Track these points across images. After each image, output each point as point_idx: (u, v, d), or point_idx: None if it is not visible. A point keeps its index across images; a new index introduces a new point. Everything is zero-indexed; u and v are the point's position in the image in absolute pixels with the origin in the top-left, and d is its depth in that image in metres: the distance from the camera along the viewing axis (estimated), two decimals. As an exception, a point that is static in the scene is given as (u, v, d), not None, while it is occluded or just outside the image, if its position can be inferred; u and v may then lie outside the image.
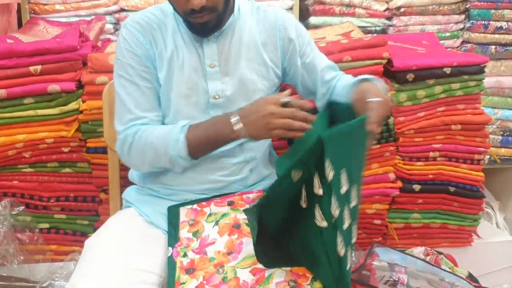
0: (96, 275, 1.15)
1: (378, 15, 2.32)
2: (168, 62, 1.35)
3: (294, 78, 1.48)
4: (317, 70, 1.46)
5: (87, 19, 2.29)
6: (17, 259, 1.86)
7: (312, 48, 1.48)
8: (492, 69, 2.34)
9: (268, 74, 1.42)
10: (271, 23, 1.42)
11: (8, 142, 1.78)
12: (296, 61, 1.44)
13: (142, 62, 1.34)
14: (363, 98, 1.18)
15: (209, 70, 1.36)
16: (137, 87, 1.34)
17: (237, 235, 1.19)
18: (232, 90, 1.38)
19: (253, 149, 1.44)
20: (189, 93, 1.36)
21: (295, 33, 1.44)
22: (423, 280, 1.47)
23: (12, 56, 1.74)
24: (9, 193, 1.87)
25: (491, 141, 2.34)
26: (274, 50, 1.43)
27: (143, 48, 1.35)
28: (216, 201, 1.31)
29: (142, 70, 1.34)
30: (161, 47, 1.36)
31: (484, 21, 2.33)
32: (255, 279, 1.09)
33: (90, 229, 1.91)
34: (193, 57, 1.36)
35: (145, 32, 1.35)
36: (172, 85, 1.36)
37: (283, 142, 1.84)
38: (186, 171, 1.38)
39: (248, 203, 1.30)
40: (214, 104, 1.37)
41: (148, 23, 1.36)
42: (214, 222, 1.24)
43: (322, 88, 1.47)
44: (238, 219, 1.25)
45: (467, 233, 2.03)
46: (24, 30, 2.13)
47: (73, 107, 1.77)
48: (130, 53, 1.34)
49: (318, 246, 1.07)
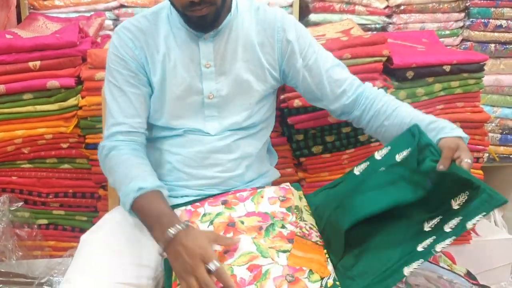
0: (92, 271, 1.15)
1: (378, 12, 2.32)
2: (161, 65, 1.36)
3: (294, 80, 1.46)
4: (321, 71, 1.43)
5: (87, 15, 2.29)
6: (16, 255, 1.86)
7: (315, 50, 1.44)
8: (492, 67, 2.34)
9: (265, 75, 1.42)
10: (270, 24, 1.41)
11: (7, 138, 1.78)
12: (295, 63, 1.42)
13: (130, 68, 1.36)
14: (454, 149, 1.19)
15: (204, 70, 1.36)
16: (123, 93, 1.36)
17: (232, 233, 1.19)
18: (227, 90, 1.38)
19: (250, 146, 1.44)
20: (183, 95, 1.37)
21: (295, 34, 1.42)
22: (422, 278, 1.47)
23: (11, 51, 1.74)
24: (7, 189, 1.87)
25: (490, 139, 2.35)
26: (271, 52, 1.41)
27: (132, 54, 1.36)
28: (210, 201, 1.31)
29: (130, 75, 1.36)
30: (152, 51, 1.36)
31: (484, 19, 2.33)
32: (252, 275, 1.09)
33: (89, 225, 1.91)
34: (187, 58, 1.36)
35: (135, 38, 1.36)
36: (165, 88, 1.37)
37: (282, 139, 1.85)
38: (182, 167, 1.39)
39: (242, 200, 1.30)
40: (209, 104, 1.38)
41: (139, 28, 1.37)
42: (208, 221, 1.24)
43: (334, 88, 1.44)
44: (233, 217, 1.25)
45: (466, 231, 2.03)
46: (23, 25, 2.12)
47: (72, 103, 1.77)
48: (118, 59, 1.36)
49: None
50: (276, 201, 1.29)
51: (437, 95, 1.87)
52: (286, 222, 1.23)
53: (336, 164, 1.86)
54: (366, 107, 1.43)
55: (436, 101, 1.87)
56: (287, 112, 1.79)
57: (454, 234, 1.07)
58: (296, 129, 1.80)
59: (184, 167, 1.39)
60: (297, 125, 1.78)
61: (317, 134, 1.82)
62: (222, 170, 1.40)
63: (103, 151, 1.36)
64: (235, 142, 1.40)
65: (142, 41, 1.36)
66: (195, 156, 1.38)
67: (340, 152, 1.85)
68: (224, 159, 1.39)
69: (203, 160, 1.38)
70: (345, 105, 1.45)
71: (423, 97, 1.85)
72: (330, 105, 1.48)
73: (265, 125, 1.49)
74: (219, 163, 1.39)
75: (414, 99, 1.85)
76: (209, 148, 1.38)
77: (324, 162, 1.86)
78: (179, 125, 1.39)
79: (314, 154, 1.84)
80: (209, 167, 1.39)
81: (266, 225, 1.22)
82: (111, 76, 1.37)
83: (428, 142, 1.23)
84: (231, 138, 1.39)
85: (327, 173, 1.86)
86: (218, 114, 1.39)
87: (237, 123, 1.40)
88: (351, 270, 1.14)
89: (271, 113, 1.52)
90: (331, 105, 1.48)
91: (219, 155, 1.39)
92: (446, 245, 1.06)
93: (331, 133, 1.82)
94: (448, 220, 1.10)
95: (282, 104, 1.77)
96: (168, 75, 1.36)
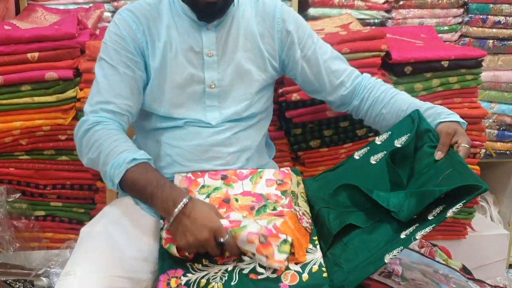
0: (92, 264, 1.14)
1: (377, 7, 2.31)
2: (161, 53, 1.35)
3: (293, 71, 1.48)
4: (319, 62, 1.45)
5: (86, 7, 2.28)
6: (13, 246, 1.86)
7: (314, 41, 1.46)
8: (490, 63, 2.34)
9: (265, 65, 1.42)
10: (270, 15, 1.42)
11: (5, 129, 1.77)
12: (294, 53, 1.44)
13: (129, 49, 1.34)
14: (452, 134, 1.22)
15: (206, 59, 1.37)
16: (116, 72, 1.33)
17: (225, 209, 1.22)
18: (229, 79, 1.39)
19: (249, 139, 1.44)
20: (184, 84, 1.37)
21: (294, 25, 1.43)
22: (418, 272, 1.48)
23: (10, 42, 1.73)
24: (5, 180, 1.87)
25: (487, 135, 2.35)
26: (271, 42, 1.43)
27: (134, 35, 1.34)
28: (211, 173, 1.33)
29: (127, 57, 1.34)
30: (153, 38, 1.36)
31: (483, 15, 2.33)
32: (231, 225, 1.12)
33: (86, 217, 1.91)
34: (189, 47, 1.36)
35: (138, 21, 1.35)
36: (166, 77, 1.36)
37: (280, 133, 1.85)
38: (182, 161, 1.39)
39: (241, 178, 1.32)
40: (210, 93, 1.38)
41: (143, 13, 1.37)
42: (206, 194, 1.27)
43: (332, 79, 1.46)
44: (229, 194, 1.27)
45: (461, 226, 2.04)
46: (22, 16, 2.11)
47: (71, 94, 1.77)
48: (118, 38, 1.34)
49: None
50: (273, 184, 1.31)
51: (435, 91, 1.88)
52: (278, 205, 1.25)
53: (333, 158, 1.86)
54: (364, 96, 1.45)
55: (434, 96, 1.88)
56: (285, 106, 1.79)
57: (435, 221, 1.08)
58: (294, 123, 1.80)
59: (184, 161, 1.38)
60: (295, 119, 1.79)
61: (315, 128, 1.82)
62: (222, 163, 1.40)
63: (83, 125, 1.28)
64: (235, 135, 1.41)
65: (145, 25, 1.36)
66: (195, 149, 1.38)
67: (337, 147, 1.86)
68: (224, 152, 1.40)
69: (203, 154, 1.38)
70: (343, 96, 1.47)
71: (421, 92, 1.86)
72: (329, 96, 1.49)
73: (264, 116, 1.50)
74: (219, 156, 1.39)
75: (412, 94, 1.81)
76: (209, 141, 1.38)
77: (321, 156, 1.86)
78: (180, 114, 1.38)
79: (312, 148, 1.85)
80: (209, 160, 1.39)
81: (258, 205, 1.25)
82: (107, 54, 1.35)
83: (427, 128, 1.25)
84: (230, 131, 1.40)
85: (324, 167, 1.86)
86: (218, 104, 1.40)
87: (237, 113, 1.40)
88: (339, 258, 1.16)
89: (269, 105, 1.53)
90: (329, 96, 1.49)
91: (219, 148, 1.39)
92: (426, 232, 1.07)
93: (329, 127, 1.82)
94: (432, 209, 1.11)
95: (280, 98, 1.78)
96: (170, 64, 1.36)
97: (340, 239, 1.19)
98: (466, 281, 1.52)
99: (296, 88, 1.72)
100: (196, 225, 1.10)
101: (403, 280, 1.41)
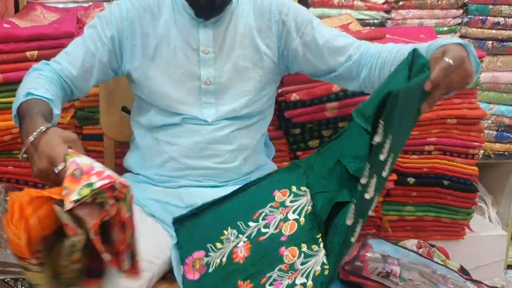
0: None
1: (377, 8, 2.31)
2: (154, 47, 1.37)
3: (296, 64, 1.46)
4: (319, 43, 1.41)
5: (85, 5, 2.27)
6: (11, 244, 1.85)
7: (314, 26, 1.42)
8: (489, 64, 2.35)
9: (262, 62, 1.43)
10: (266, 9, 1.43)
11: (4, 127, 1.77)
12: (292, 42, 1.43)
13: (105, 31, 1.38)
14: (440, 58, 1.06)
15: (203, 56, 1.38)
16: (83, 43, 1.38)
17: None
18: (225, 77, 1.39)
19: (247, 137, 1.44)
20: (182, 79, 1.38)
21: (291, 15, 1.42)
22: (416, 272, 1.48)
23: (9, 40, 1.73)
24: (4, 179, 1.86)
25: (486, 136, 2.35)
26: (270, 36, 1.43)
27: (120, 23, 1.38)
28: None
29: (99, 35, 1.38)
30: (146, 31, 1.38)
31: (482, 16, 2.34)
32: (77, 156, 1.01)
33: (85, 216, 1.91)
34: (186, 43, 1.37)
35: (133, 10, 1.38)
36: (165, 71, 1.38)
37: (279, 133, 1.85)
38: (179, 158, 1.39)
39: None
40: (205, 90, 1.39)
41: (142, 5, 1.39)
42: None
43: (337, 57, 1.40)
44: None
45: (460, 227, 2.04)
46: (21, 15, 2.11)
47: (70, 93, 1.76)
48: (105, 20, 1.39)
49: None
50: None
51: (434, 91, 1.87)
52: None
53: (332, 159, 1.86)
54: (372, 64, 1.35)
55: (433, 97, 1.87)
56: (284, 105, 1.79)
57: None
58: (293, 123, 1.80)
59: (182, 158, 1.39)
60: (294, 119, 1.79)
61: (314, 128, 1.82)
62: (220, 161, 1.40)
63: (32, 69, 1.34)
64: (233, 133, 1.41)
65: (139, 15, 1.38)
66: (193, 146, 1.39)
67: (336, 147, 1.85)
68: (222, 149, 1.40)
69: (201, 151, 1.39)
70: (349, 68, 1.40)
71: (420, 93, 1.85)
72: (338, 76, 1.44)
73: (262, 117, 1.50)
74: (217, 153, 1.40)
75: (411, 95, 1.85)
76: (207, 139, 1.39)
77: (320, 156, 1.86)
78: (179, 110, 1.39)
79: (311, 148, 1.85)
80: (207, 157, 1.40)
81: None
82: (88, 27, 1.40)
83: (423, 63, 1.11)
84: (228, 129, 1.40)
85: (323, 167, 1.86)
86: (215, 101, 1.40)
87: (234, 110, 1.41)
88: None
89: (270, 106, 1.53)
90: (339, 76, 1.43)
91: (217, 145, 1.40)
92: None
93: (328, 127, 1.82)
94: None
95: (279, 97, 1.78)
96: (168, 59, 1.38)
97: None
98: (464, 282, 1.52)
99: (295, 88, 1.72)
100: (38, 154, 1.01)
101: (401, 280, 1.41)
